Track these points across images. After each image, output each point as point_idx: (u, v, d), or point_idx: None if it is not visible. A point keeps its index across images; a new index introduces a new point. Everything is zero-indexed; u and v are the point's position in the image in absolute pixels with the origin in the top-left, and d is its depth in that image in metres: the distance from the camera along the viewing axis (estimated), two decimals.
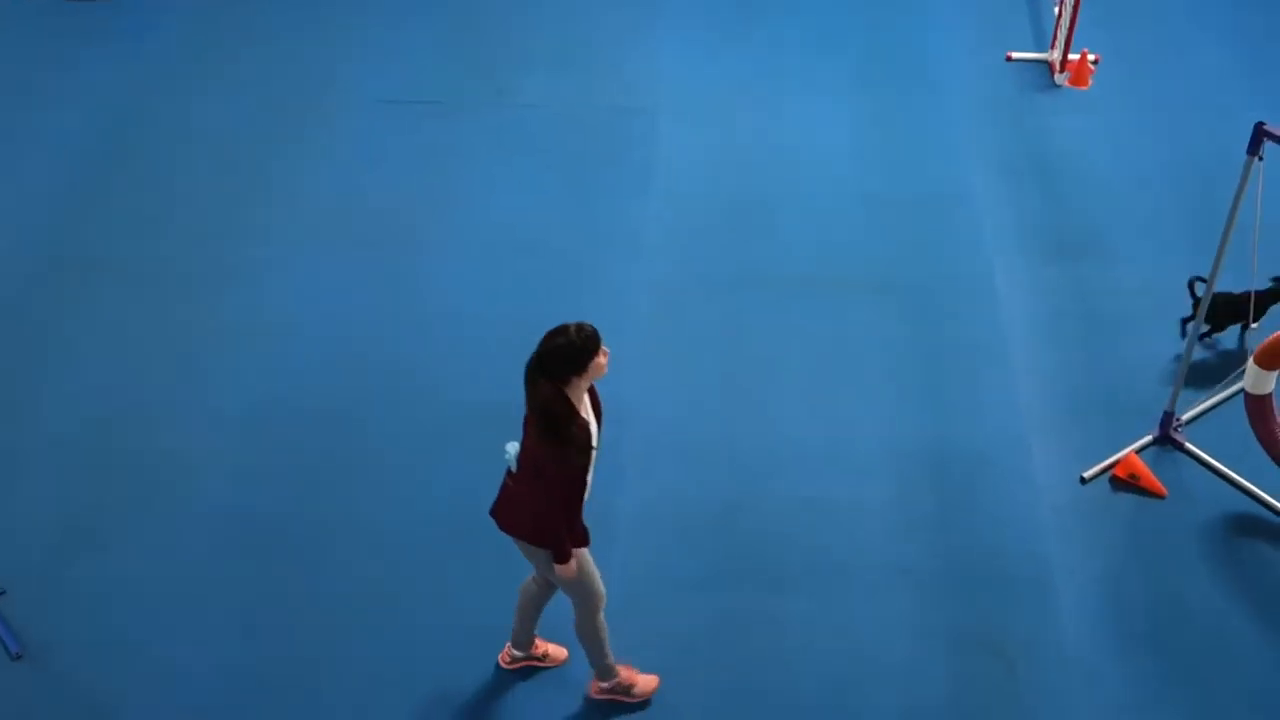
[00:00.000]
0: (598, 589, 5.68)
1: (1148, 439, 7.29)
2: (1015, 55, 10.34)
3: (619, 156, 9.28)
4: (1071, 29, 9.85)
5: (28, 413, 7.44)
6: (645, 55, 10.32)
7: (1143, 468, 7.10)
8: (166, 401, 7.50)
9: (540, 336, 5.15)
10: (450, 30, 10.55)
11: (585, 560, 5.58)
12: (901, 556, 6.71)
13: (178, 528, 6.82)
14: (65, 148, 9.36)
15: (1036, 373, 7.71)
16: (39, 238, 8.62)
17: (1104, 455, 7.21)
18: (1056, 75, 10.06)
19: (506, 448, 5.44)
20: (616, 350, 7.62)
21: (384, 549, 6.73)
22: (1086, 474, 7.13)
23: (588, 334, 5.22)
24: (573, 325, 5.22)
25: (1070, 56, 10.03)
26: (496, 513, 5.57)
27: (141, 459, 7.17)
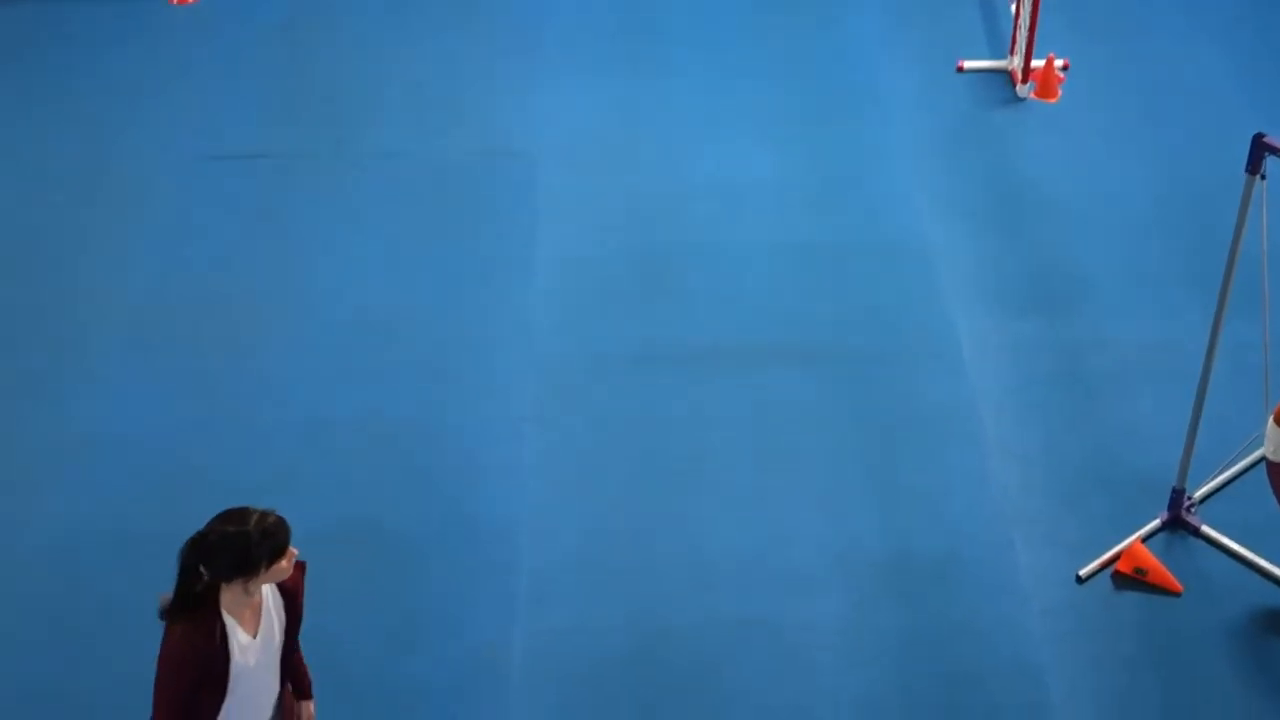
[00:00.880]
0: None
1: (1155, 523, 7.34)
2: (968, 65, 10.50)
3: (492, 212, 9.34)
4: (1033, 31, 10.01)
5: None
6: (518, 92, 10.41)
7: (1151, 559, 7.14)
8: None
9: (411, 441, 4.96)
10: (279, 77, 10.59)
11: None
12: (859, 687, 6.67)
13: None
14: None
15: (1015, 450, 7.76)
16: None
17: (1104, 547, 7.24)
18: (1019, 87, 10.21)
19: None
20: (502, 455, 7.71)
21: None
22: (1083, 571, 7.15)
23: (271, 528, 4.84)
24: (256, 514, 4.86)
25: (1034, 64, 10.18)
26: None
27: None
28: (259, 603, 5.01)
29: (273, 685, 5.16)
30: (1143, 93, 10.26)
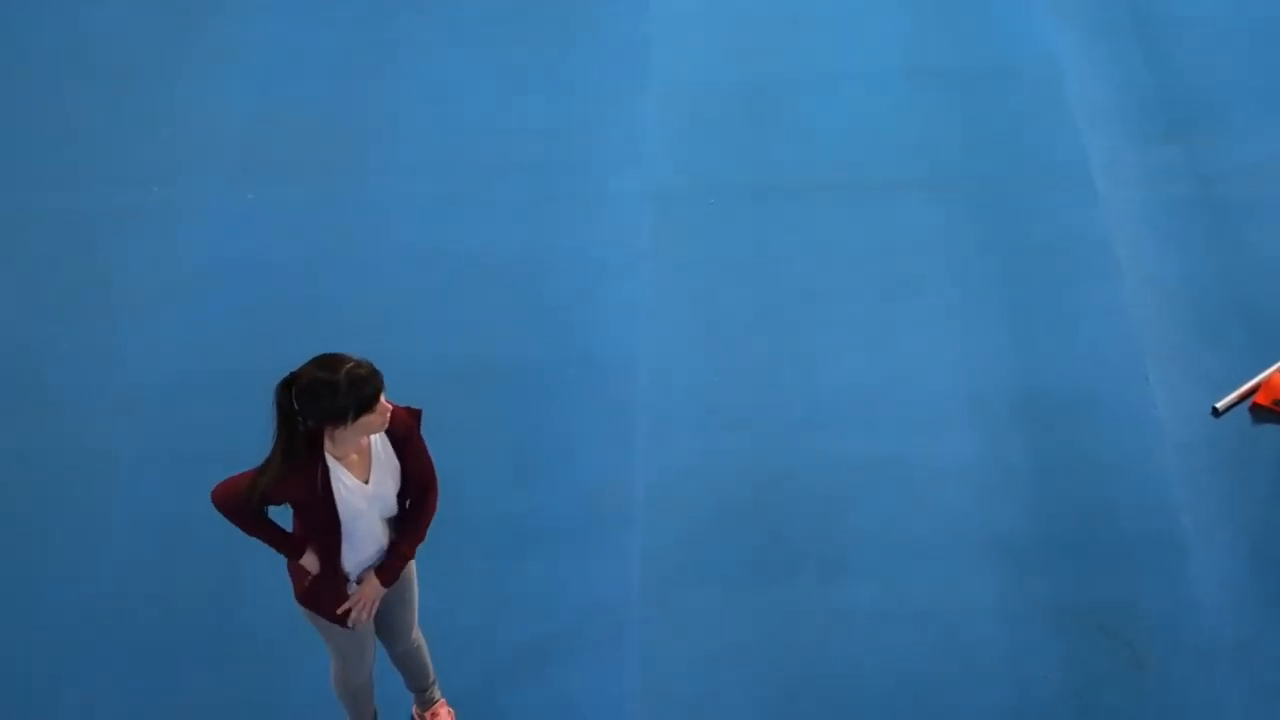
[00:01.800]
0: (343, 658, 5.59)
1: None
2: None
3: (603, 34, 9.28)
4: None
5: None
6: None
7: None
8: (58, 385, 7.54)
9: (526, 275, 4.94)
10: None
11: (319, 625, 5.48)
12: (992, 524, 6.73)
13: (85, 539, 6.86)
14: None
15: (1150, 281, 7.72)
16: None
17: (1241, 379, 7.22)
18: None
19: None
20: (618, 290, 7.78)
21: None
22: (1220, 404, 7.14)
23: (361, 378, 4.86)
24: (349, 362, 4.89)
25: None
26: None
27: (31, 461, 7.21)
28: (366, 447, 5.09)
29: (381, 533, 5.26)
30: None
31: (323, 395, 4.83)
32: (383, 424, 4.96)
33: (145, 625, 6.57)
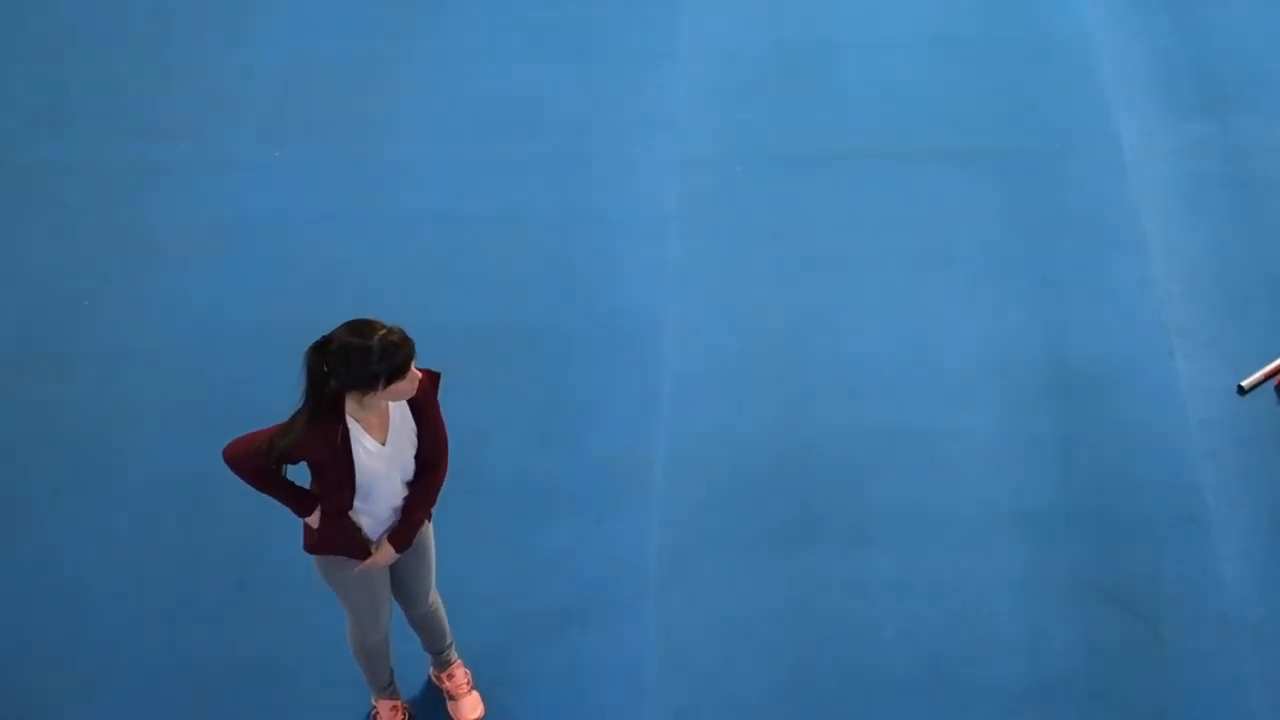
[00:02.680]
0: (356, 614, 5.58)
1: None
2: None
3: (636, 4, 9.26)
4: None
5: None
6: None
7: None
8: (89, 336, 7.58)
9: (555, 237, 4.98)
10: None
11: (334, 579, 5.47)
12: (1014, 497, 6.73)
13: (111, 489, 6.91)
14: None
15: (1178, 256, 7.69)
16: None
17: (1268, 357, 7.20)
18: None
19: None
20: (645, 254, 7.75)
21: None
22: (1246, 382, 7.11)
23: (392, 345, 4.85)
24: (382, 329, 4.87)
25: None
26: None
27: (60, 410, 7.25)
28: (385, 409, 5.10)
29: (398, 494, 5.28)
30: None
31: (355, 361, 4.84)
32: (411, 390, 4.98)
33: (165, 580, 6.62)
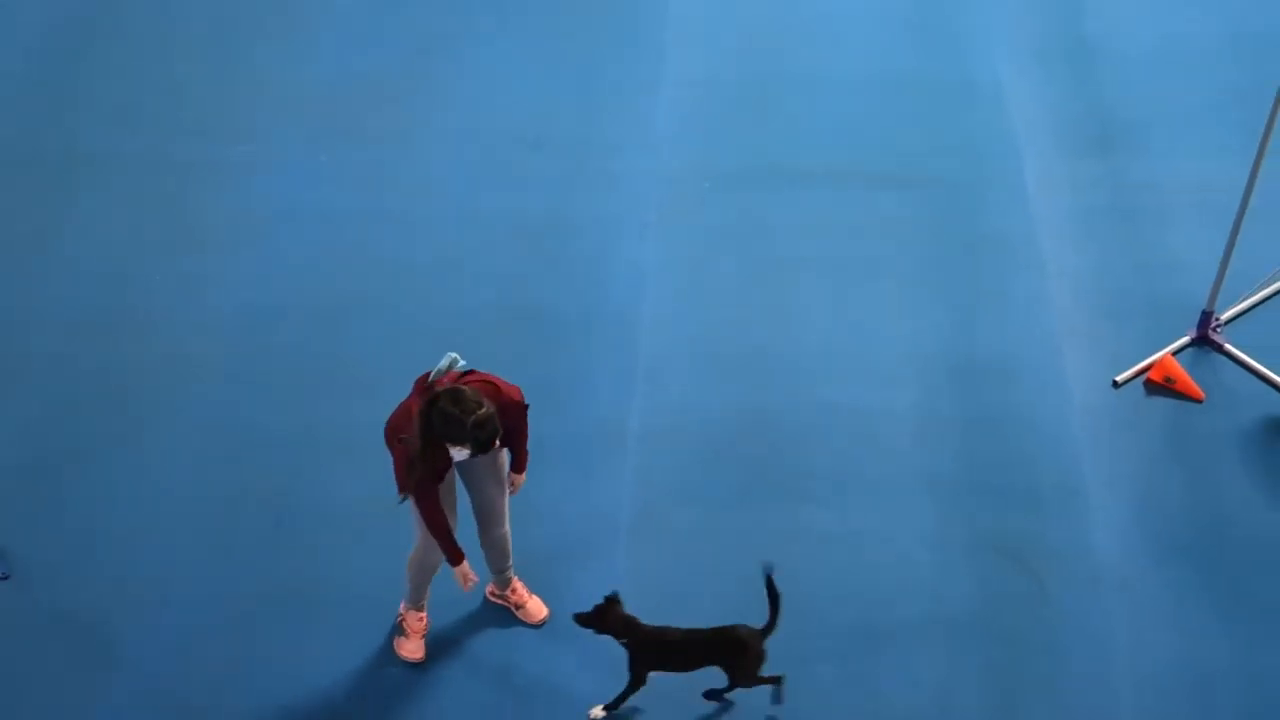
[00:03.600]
0: (429, 532, 5.71)
1: (1185, 340, 7.33)
2: None
3: (627, 39, 9.22)
4: None
5: (8, 321, 7.49)
6: None
7: (1179, 370, 7.15)
8: (154, 305, 7.57)
9: (552, 235, 4.84)
10: None
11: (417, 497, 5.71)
12: (926, 465, 6.82)
13: (168, 437, 6.91)
14: (30, 30, 9.27)
15: (1069, 271, 7.73)
16: (7, 130, 8.59)
17: (1138, 358, 7.26)
18: None
19: (446, 356, 5.45)
20: (630, 252, 7.79)
21: (381, 459, 6.69)
22: (1120, 378, 7.18)
23: (484, 423, 5.18)
24: (480, 410, 5.18)
25: None
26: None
27: (124, 371, 7.24)
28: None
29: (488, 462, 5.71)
30: None
31: (452, 427, 5.17)
32: (471, 454, 5.32)
33: (212, 515, 6.63)
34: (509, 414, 5.45)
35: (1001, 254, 7.86)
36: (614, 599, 5.71)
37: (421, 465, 5.35)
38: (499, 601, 6.31)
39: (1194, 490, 6.76)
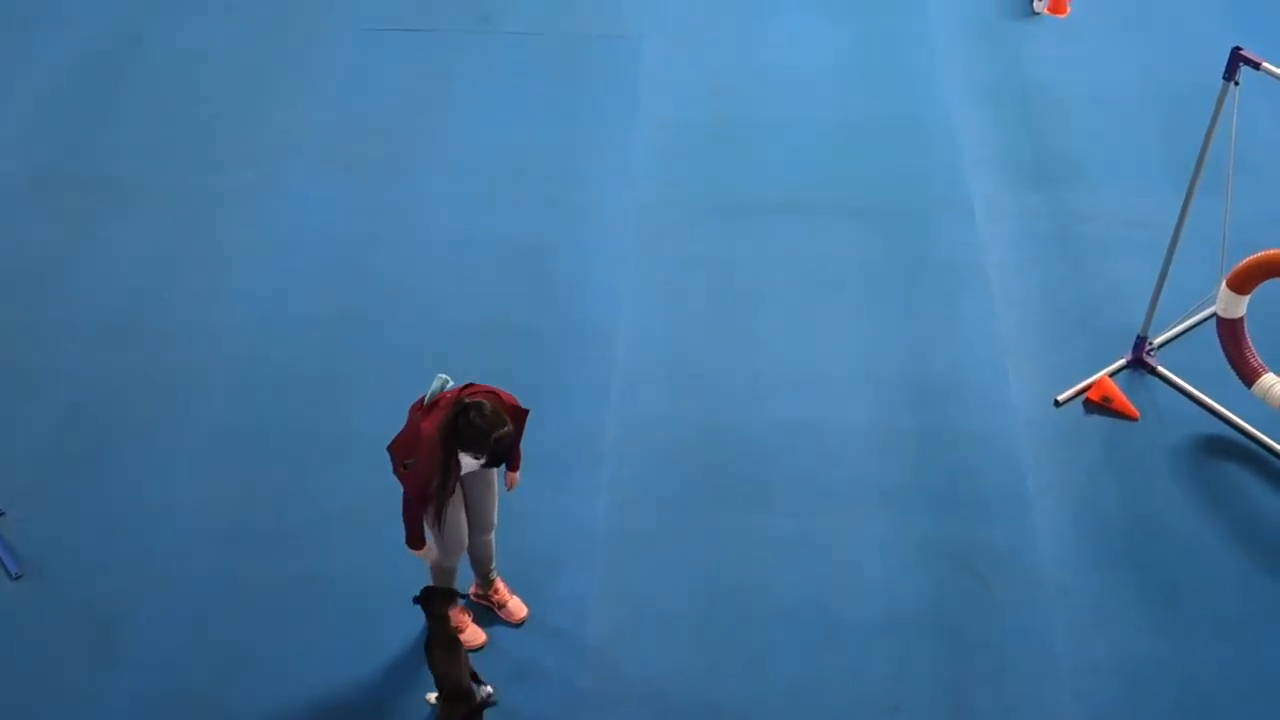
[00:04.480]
0: (441, 541, 5.62)
1: (1121, 362, 7.20)
2: None
3: (605, 83, 9.10)
4: None
5: (28, 332, 7.34)
6: None
7: (1115, 391, 7.02)
8: (170, 319, 7.42)
9: (536, 258, 4.85)
10: None
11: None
12: (880, 476, 6.66)
13: (178, 443, 6.76)
14: (63, 67, 9.16)
15: (1013, 297, 7.60)
16: (35, 159, 8.46)
17: (1079, 378, 7.13)
18: (1036, 3, 9.81)
19: (437, 379, 5.32)
20: (607, 276, 7.65)
21: (377, 464, 6.56)
22: (1060, 397, 7.05)
23: (505, 442, 5.16)
24: (504, 430, 5.13)
25: None
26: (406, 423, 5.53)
27: (142, 378, 7.09)
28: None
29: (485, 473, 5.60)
30: (1139, 10, 9.82)
31: (477, 438, 5.12)
32: (484, 464, 5.32)
33: (220, 512, 6.49)
34: (513, 420, 5.32)
35: (951, 280, 7.71)
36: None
37: (442, 478, 5.24)
38: (482, 602, 6.12)
39: (1129, 501, 6.62)
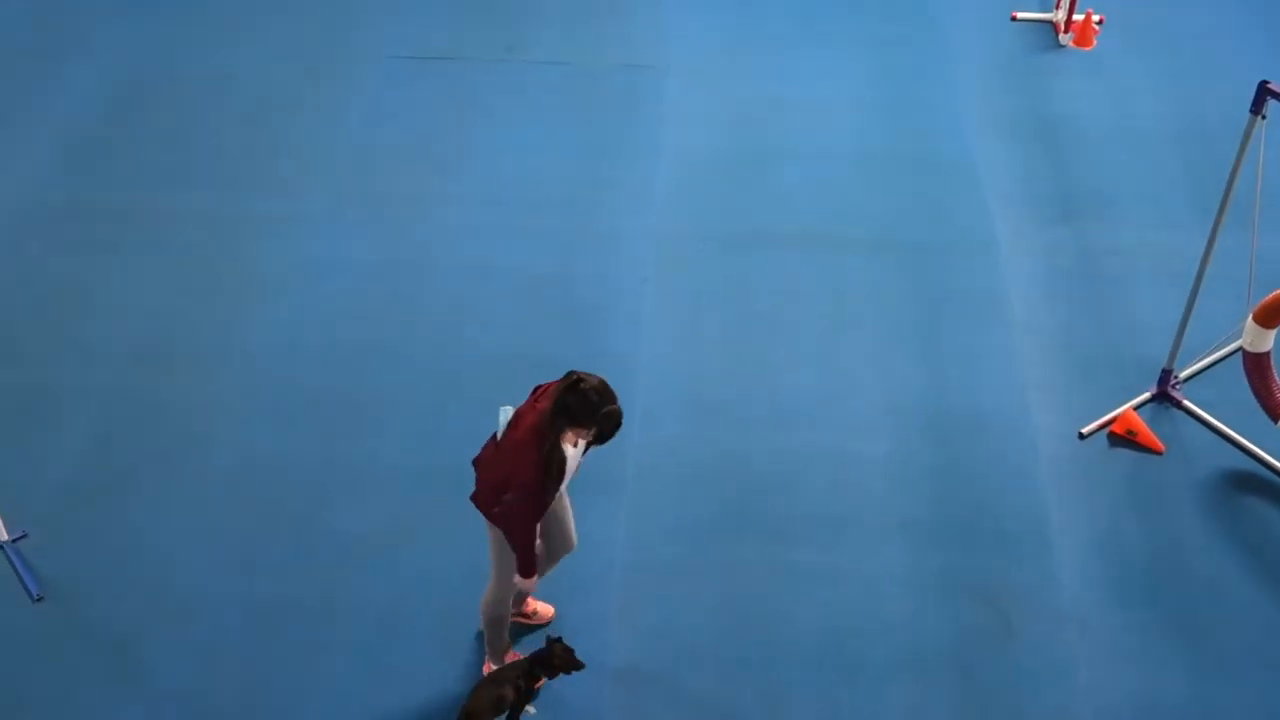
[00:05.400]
0: (511, 574, 5.55)
1: (1146, 396, 7.16)
2: (1020, 15, 10.12)
3: (628, 114, 9.13)
4: None
5: (55, 360, 7.36)
6: (653, 12, 10.12)
7: (1140, 424, 6.98)
8: (193, 345, 7.44)
9: (557, 287, 4.91)
10: None
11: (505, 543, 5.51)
12: (901, 509, 6.62)
13: (202, 470, 6.77)
14: (92, 97, 9.23)
15: (1037, 330, 7.57)
16: (65, 187, 8.52)
17: (1102, 412, 7.09)
18: (1061, 36, 9.84)
19: (501, 410, 5.33)
20: (627, 305, 7.68)
21: (397, 491, 6.68)
22: (1084, 430, 7.01)
23: (614, 419, 5.08)
24: (611, 406, 5.06)
25: (1075, 17, 9.81)
26: (477, 469, 5.49)
27: (166, 403, 7.11)
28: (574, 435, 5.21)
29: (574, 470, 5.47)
30: (1166, 43, 9.83)
31: (587, 411, 5.04)
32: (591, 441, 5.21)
33: (240, 538, 6.50)
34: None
35: (974, 312, 7.68)
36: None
37: (548, 470, 5.17)
38: (516, 619, 6.12)
39: (1153, 536, 6.56)
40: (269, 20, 9.99)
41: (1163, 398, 7.17)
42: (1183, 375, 7.24)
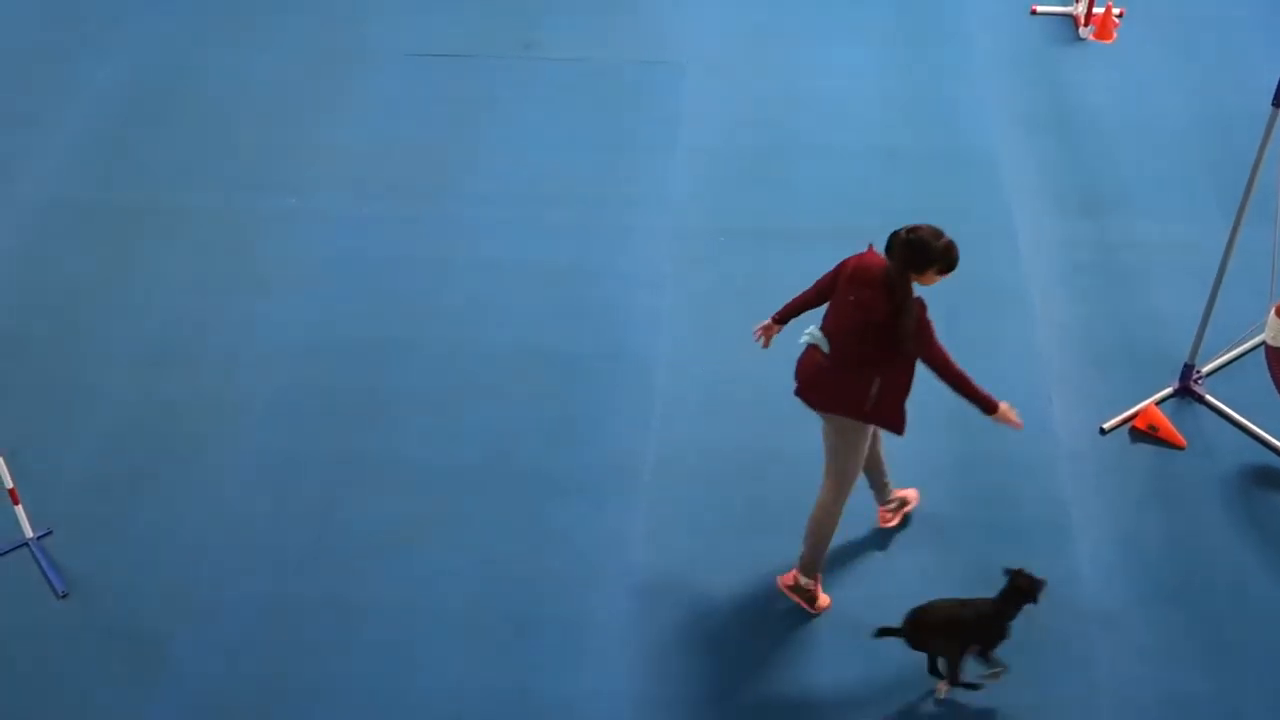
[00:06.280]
0: (856, 474, 5.78)
1: (1167, 391, 7.15)
2: (1040, 9, 10.11)
3: (646, 109, 9.14)
4: None
5: (75, 356, 7.42)
6: (670, 8, 10.14)
7: (1162, 419, 6.97)
8: (211, 342, 7.48)
9: (574, 283, 4.98)
10: None
11: (860, 442, 5.73)
12: (923, 504, 6.61)
13: (222, 467, 6.81)
14: (111, 97, 9.29)
15: (1057, 324, 7.56)
16: (83, 186, 8.57)
17: (1124, 407, 7.07)
18: (1081, 29, 9.83)
19: (806, 334, 5.76)
20: (645, 301, 7.67)
21: (415, 488, 6.70)
22: (1106, 425, 6.99)
23: (952, 252, 5.45)
24: (946, 239, 5.44)
25: (1095, 10, 9.80)
26: (806, 393, 5.80)
27: (185, 401, 7.15)
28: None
29: None
30: (1186, 36, 9.81)
31: (926, 252, 5.41)
32: (935, 280, 5.54)
33: (259, 535, 6.53)
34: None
35: (994, 307, 7.68)
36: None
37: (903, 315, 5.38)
38: (888, 515, 6.46)
39: (1175, 532, 6.55)
40: (286, 19, 10.05)
41: (1185, 393, 7.15)
42: (1205, 370, 7.22)
